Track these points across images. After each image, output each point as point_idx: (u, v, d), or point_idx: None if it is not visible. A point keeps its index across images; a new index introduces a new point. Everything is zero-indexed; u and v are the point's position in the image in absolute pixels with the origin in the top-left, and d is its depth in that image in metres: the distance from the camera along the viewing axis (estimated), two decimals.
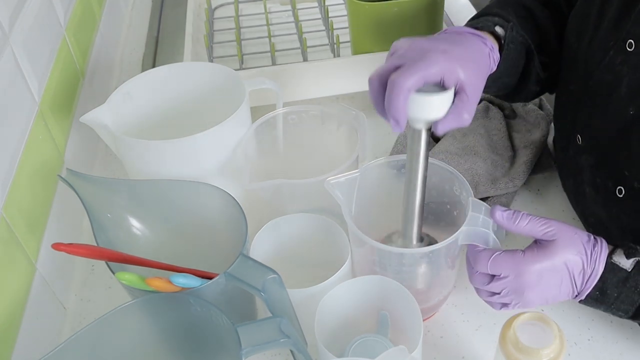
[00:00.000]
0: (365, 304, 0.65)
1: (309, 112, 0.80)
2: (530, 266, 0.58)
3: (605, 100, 0.66)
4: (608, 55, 0.65)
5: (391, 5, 0.90)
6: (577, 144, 0.72)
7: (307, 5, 1.18)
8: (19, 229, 0.65)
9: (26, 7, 0.75)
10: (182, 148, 0.71)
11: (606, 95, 0.65)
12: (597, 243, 0.59)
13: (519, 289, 0.59)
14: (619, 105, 0.64)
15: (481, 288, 0.62)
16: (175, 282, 0.57)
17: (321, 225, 0.70)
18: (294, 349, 0.54)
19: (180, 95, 0.84)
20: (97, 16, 1.08)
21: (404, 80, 0.55)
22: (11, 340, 0.61)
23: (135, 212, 0.69)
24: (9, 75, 0.68)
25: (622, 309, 0.61)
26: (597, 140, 0.69)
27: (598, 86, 0.67)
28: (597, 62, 0.66)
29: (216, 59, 1.04)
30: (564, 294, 0.60)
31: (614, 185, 0.67)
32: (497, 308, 0.63)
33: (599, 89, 0.67)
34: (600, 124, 0.67)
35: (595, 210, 0.71)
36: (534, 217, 0.59)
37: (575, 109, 0.72)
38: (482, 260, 0.60)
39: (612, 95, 0.65)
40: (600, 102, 0.67)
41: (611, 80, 0.65)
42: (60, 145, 0.81)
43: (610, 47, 0.65)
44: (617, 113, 0.64)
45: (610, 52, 0.64)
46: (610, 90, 0.65)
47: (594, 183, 0.70)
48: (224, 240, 0.69)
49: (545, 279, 0.59)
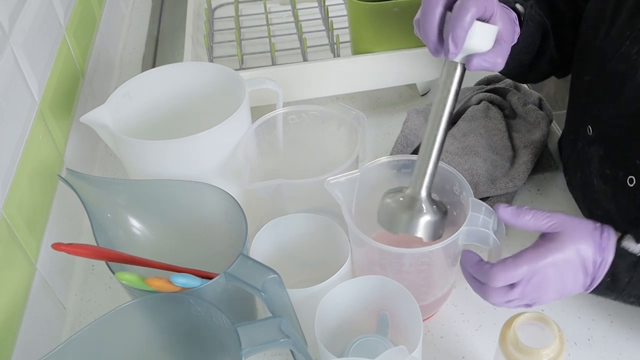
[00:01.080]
0: (365, 304, 0.65)
1: (309, 112, 0.80)
2: (543, 261, 0.58)
3: (619, 89, 0.66)
4: (624, 45, 0.65)
5: (391, 5, 0.90)
6: (587, 135, 0.72)
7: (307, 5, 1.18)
8: (19, 229, 0.65)
9: (26, 7, 0.75)
10: (182, 148, 0.71)
11: (620, 84, 0.66)
12: (604, 230, 0.59)
13: (538, 287, 0.59)
14: (632, 94, 0.65)
15: (503, 300, 0.60)
16: (175, 282, 0.57)
17: (321, 225, 0.70)
18: (294, 349, 0.54)
19: (180, 95, 0.84)
20: (97, 16, 1.08)
21: (472, 5, 0.57)
22: (11, 340, 0.61)
23: (135, 212, 0.69)
24: (9, 75, 0.68)
25: (633, 295, 0.60)
26: (608, 130, 0.69)
27: (612, 75, 0.67)
28: (613, 52, 0.67)
29: (216, 59, 1.04)
30: (579, 284, 0.60)
31: (625, 175, 0.67)
32: (513, 306, 0.62)
33: (613, 79, 0.67)
34: (612, 114, 0.68)
35: (603, 203, 0.72)
36: (537, 211, 0.60)
37: (587, 99, 0.73)
38: (497, 274, 0.58)
39: (625, 85, 0.65)
40: (613, 92, 0.68)
41: (626, 69, 0.65)
42: (60, 145, 0.81)
43: (627, 37, 0.65)
44: (630, 102, 0.65)
45: (627, 42, 0.65)
46: (625, 79, 0.65)
47: (602, 174, 0.71)
48: (224, 240, 0.69)
49: (560, 270, 0.58)
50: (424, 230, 0.62)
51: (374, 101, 1.03)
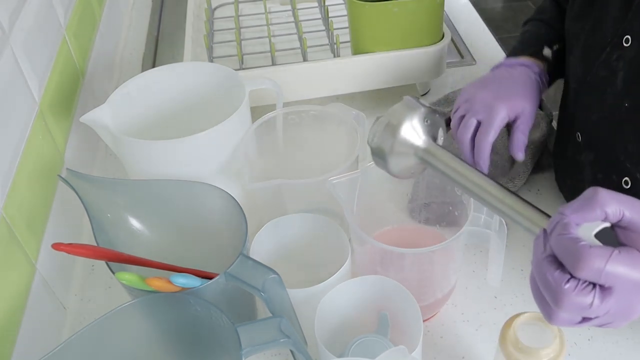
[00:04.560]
0: (365, 304, 0.65)
1: (309, 112, 0.80)
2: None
3: (601, 95, 0.67)
4: (605, 52, 0.66)
5: (391, 6, 0.90)
6: (576, 142, 0.73)
7: (307, 5, 1.18)
8: (19, 229, 0.65)
9: (26, 7, 0.75)
10: (182, 148, 0.71)
11: (602, 90, 0.67)
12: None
13: (631, 306, 0.43)
14: (614, 99, 0.66)
15: (579, 313, 0.43)
16: (175, 282, 0.57)
17: (321, 225, 0.70)
18: (294, 349, 0.54)
19: (181, 95, 0.84)
20: (97, 16, 1.08)
21: (486, 137, 0.70)
22: (11, 340, 0.61)
23: (135, 212, 0.69)
24: (9, 75, 0.68)
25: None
26: (596, 135, 0.70)
27: (594, 82, 0.68)
28: (594, 59, 0.68)
29: (216, 59, 1.04)
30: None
31: (619, 177, 0.67)
32: (588, 324, 0.45)
33: (596, 85, 0.68)
34: (597, 119, 0.69)
35: None
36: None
37: (574, 107, 0.74)
38: (594, 259, 0.41)
39: (607, 90, 0.66)
40: (596, 97, 0.68)
41: (607, 75, 0.66)
42: (60, 145, 0.81)
43: (608, 44, 0.66)
44: (613, 107, 0.66)
45: (607, 48, 0.66)
46: (606, 84, 0.66)
47: (595, 179, 0.71)
48: (224, 240, 0.69)
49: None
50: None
51: (374, 101, 1.03)
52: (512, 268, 0.75)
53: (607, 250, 0.41)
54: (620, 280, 0.41)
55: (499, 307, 0.73)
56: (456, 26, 1.21)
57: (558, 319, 0.44)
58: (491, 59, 1.11)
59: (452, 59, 1.12)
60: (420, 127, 0.58)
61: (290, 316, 0.61)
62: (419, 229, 0.78)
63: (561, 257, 0.43)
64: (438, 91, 1.03)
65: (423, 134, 0.58)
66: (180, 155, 0.72)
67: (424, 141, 0.58)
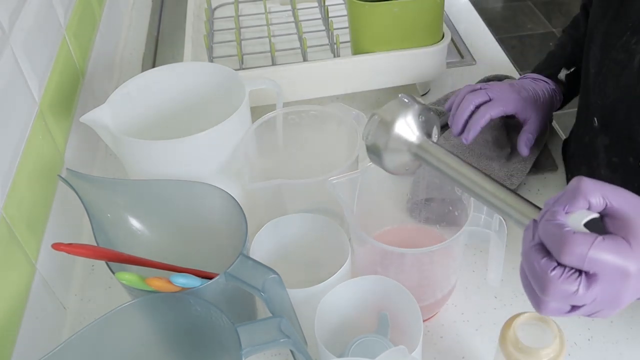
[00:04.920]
0: (365, 304, 0.65)
1: (309, 112, 0.80)
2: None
3: (618, 77, 0.68)
4: (625, 35, 0.67)
5: (391, 6, 0.90)
6: (593, 127, 0.74)
7: (307, 5, 1.18)
8: (19, 229, 0.65)
9: (26, 7, 0.75)
10: (182, 148, 0.71)
11: (619, 72, 0.68)
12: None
13: (617, 294, 0.43)
14: (630, 81, 0.66)
15: (566, 301, 0.44)
16: (175, 282, 0.57)
17: (321, 225, 0.70)
18: (294, 349, 0.54)
19: (181, 95, 0.84)
20: (97, 16, 1.08)
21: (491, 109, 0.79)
22: (11, 340, 0.61)
23: (135, 212, 0.69)
24: (9, 75, 0.68)
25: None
26: (612, 118, 0.70)
27: (612, 65, 0.69)
28: (614, 44, 0.69)
29: (216, 59, 1.04)
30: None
31: (635, 159, 0.68)
32: (576, 313, 0.46)
33: (613, 68, 0.69)
34: (613, 101, 0.70)
35: None
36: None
37: (593, 92, 0.74)
38: (578, 244, 0.41)
39: (624, 72, 0.67)
40: (613, 81, 0.69)
41: (624, 58, 0.67)
42: (60, 145, 0.81)
43: (629, 28, 0.67)
44: (629, 88, 0.66)
45: (628, 32, 0.67)
46: (623, 67, 0.67)
47: (610, 163, 0.72)
48: (224, 240, 0.69)
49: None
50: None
51: (374, 101, 1.03)
52: (512, 268, 0.75)
53: (591, 237, 0.42)
54: (604, 266, 0.42)
55: (499, 307, 0.73)
56: (456, 26, 1.21)
57: (547, 308, 0.45)
58: (491, 59, 1.12)
59: (452, 59, 1.12)
60: (414, 123, 0.58)
61: (290, 316, 0.61)
62: (419, 229, 0.78)
63: (547, 244, 0.43)
64: (438, 91, 1.03)
65: (417, 130, 0.58)
66: (180, 155, 0.72)
67: (417, 137, 0.58)
